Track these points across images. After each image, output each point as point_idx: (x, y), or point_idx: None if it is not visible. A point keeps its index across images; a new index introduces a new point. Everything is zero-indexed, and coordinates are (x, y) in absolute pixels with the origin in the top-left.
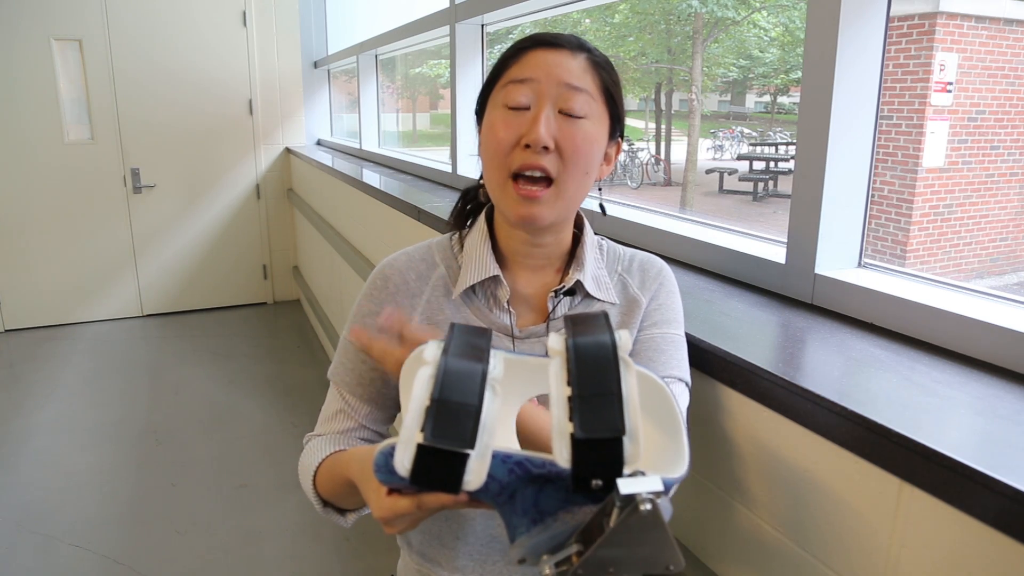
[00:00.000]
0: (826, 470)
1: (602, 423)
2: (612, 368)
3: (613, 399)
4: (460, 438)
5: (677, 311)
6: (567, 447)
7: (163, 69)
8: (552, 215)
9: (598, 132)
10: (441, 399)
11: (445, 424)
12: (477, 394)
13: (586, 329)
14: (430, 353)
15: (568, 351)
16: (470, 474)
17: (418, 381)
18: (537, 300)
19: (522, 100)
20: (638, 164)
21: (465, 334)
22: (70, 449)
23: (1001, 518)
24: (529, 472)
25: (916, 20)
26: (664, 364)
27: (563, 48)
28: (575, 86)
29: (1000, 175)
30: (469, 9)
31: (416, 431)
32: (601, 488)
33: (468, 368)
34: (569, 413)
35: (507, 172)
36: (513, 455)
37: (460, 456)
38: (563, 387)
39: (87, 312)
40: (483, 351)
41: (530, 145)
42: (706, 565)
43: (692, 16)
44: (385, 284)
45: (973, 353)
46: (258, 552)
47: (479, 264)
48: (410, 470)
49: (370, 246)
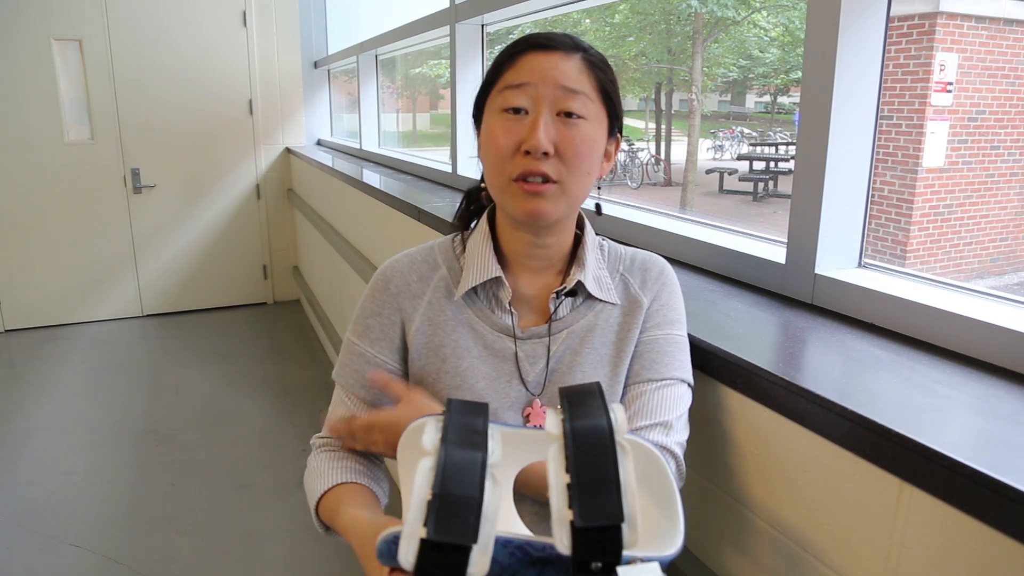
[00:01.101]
0: (826, 470)
1: (601, 511)
2: (610, 454)
3: (611, 487)
4: (462, 533)
5: (679, 311)
6: (567, 534)
7: (163, 69)
8: (557, 211)
9: (597, 132)
10: (443, 493)
11: (447, 518)
12: (478, 486)
13: (583, 411)
14: (429, 439)
15: (566, 436)
16: (473, 566)
17: (419, 473)
18: (538, 301)
19: (520, 105)
20: (638, 164)
21: (462, 414)
22: (70, 449)
23: (1001, 518)
24: (529, 555)
25: (916, 20)
26: (667, 365)
27: (558, 50)
28: (572, 88)
29: (1000, 175)
30: (469, 9)
31: (419, 526)
32: (601, 570)
33: (468, 459)
34: (568, 500)
35: (509, 177)
36: (514, 540)
37: (463, 549)
38: (562, 474)
39: (87, 312)
40: (481, 434)
41: (531, 152)
42: (706, 565)
43: (692, 16)
44: (387, 285)
45: (973, 353)
46: (258, 552)
47: (481, 265)
48: (414, 564)
49: (370, 246)
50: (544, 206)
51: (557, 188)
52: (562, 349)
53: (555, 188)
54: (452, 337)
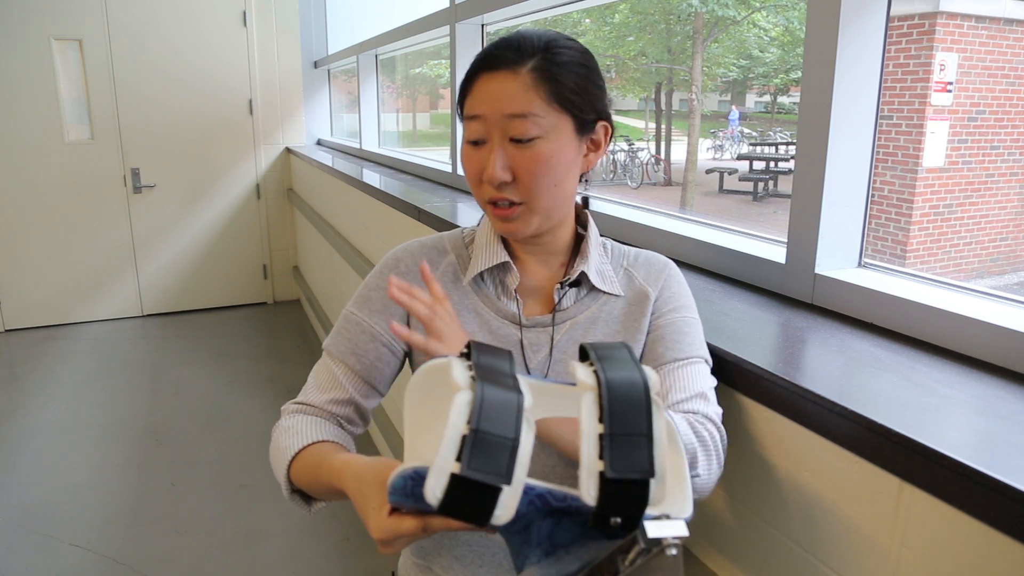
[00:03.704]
0: (826, 470)
1: (632, 464)
2: (645, 409)
3: (644, 440)
4: (497, 472)
5: (689, 297)
6: (595, 485)
7: (163, 69)
8: (529, 228)
9: (555, 145)
10: (480, 429)
11: (484, 456)
12: (515, 427)
13: (615, 364)
14: (460, 375)
15: (601, 387)
16: (501, 508)
17: (455, 407)
18: (542, 292)
19: (477, 138)
20: (638, 164)
21: (489, 356)
22: (70, 449)
23: (1001, 518)
24: (549, 505)
25: (916, 20)
26: (689, 345)
27: (502, 68)
28: (517, 113)
29: (1000, 175)
30: (469, 9)
31: (451, 459)
32: (620, 526)
33: (505, 399)
34: (599, 451)
35: (483, 200)
36: (536, 487)
37: (494, 489)
38: (595, 423)
39: (87, 312)
40: (512, 377)
41: (489, 183)
42: (706, 565)
43: (692, 16)
44: (396, 264)
45: (973, 353)
46: (258, 552)
47: (489, 252)
48: (440, 499)
49: (370, 246)
50: (515, 227)
51: (523, 208)
52: (565, 339)
53: (521, 209)
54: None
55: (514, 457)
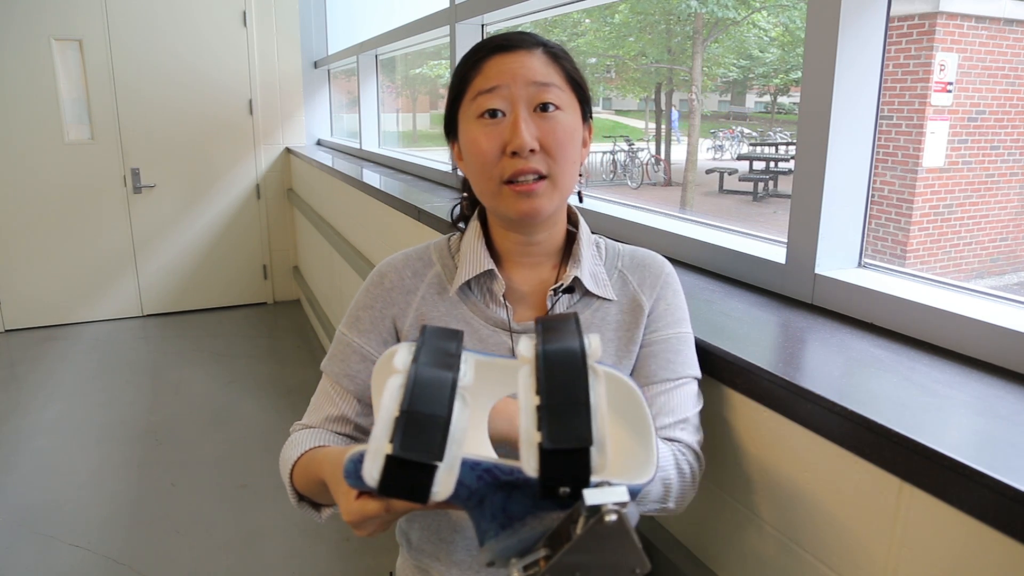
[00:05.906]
0: (826, 470)
1: (570, 434)
2: (581, 377)
3: (581, 409)
4: (428, 450)
5: (684, 308)
6: (535, 457)
7: (163, 69)
8: (551, 206)
9: (574, 120)
10: (410, 410)
11: (414, 435)
12: (446, 405)
13: (556, 335)
14: (400, 360)
15: (537, 358)
16: (438, 485)
17: (387, 391)
18: (534, 297)
19: (496, 107)
20: (638, 164)
21: (436, 338)
22: (70, 449)
23: (1001, 518)
24: (497, 479)
25: (916, 20)
26: (681, 364)
27: (519, 48)
28: (543, 82)
29: (1000, 175)
30: (469, 9)
31: (385, 442)
32: (569, 495)
33: (438, 377)
34: (537, 423)
35: (499, 181)
36: (482, 462)
37: (428, 467)
38: (531, 396)
39: (87, 312)
40: (454, 357)
41: (517, 152)
42: (706, 565)
43: (692, 16)
44: (381, 281)
45: (973, 353)
46: (258, 552)
47: (474, 261)
48: (378, 480)
49: (370, 246)
50: (538, 203)
51: (548, 183)
52: None
53: (546, 184)
54: None
55: (446, 434)
